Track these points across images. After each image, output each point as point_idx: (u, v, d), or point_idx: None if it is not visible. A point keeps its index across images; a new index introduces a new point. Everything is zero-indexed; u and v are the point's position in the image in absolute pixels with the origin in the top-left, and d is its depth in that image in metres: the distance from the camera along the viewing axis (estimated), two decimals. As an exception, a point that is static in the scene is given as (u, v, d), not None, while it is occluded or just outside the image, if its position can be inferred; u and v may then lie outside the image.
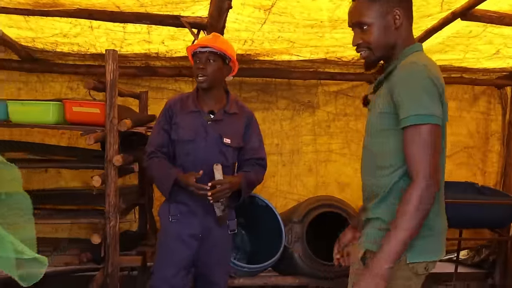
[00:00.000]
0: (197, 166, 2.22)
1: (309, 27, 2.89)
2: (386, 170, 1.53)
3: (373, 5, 1.52)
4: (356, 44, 1.59)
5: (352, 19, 1.60)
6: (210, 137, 2.26)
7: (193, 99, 2.32)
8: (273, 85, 3.94)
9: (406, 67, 1.47)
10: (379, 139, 1.55)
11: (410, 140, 1.43)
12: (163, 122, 2.33)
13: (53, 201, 3.24)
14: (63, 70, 3.58)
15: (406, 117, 1.42)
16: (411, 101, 1.42)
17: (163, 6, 2.72)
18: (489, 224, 3.64)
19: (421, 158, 1.41)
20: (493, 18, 2.88)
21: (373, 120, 1.57)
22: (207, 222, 2.30)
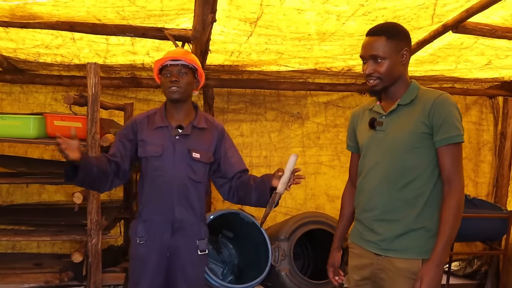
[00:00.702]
0: (167, 182, 2.15)
1: (296, 40, 2.82)
2: (420, 183, 1.78)
3: (390, 44, 1.78)
4: (369, 73, 1.81)
5: (368, 51, 1.80)
6: (178, 152, 2.17)
7: (160, 115, 2.24)
8: (262, 96, 3.87)
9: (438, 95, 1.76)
10: (413, 155, 1.78)
11: (452, 154, 1.73)
12: (123, 136, 2.24)
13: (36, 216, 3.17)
14: (46, 81, 3.50)
15: (449, 136, 1.72)
16: (450, 123, 1.72)
17: (146, 19, 2.65)
18: (482, 237, 3.58)
19: (459, 169, 1.75)
20: (485, 31, 2.83)
21: (404, 138, 1.79)
22: (176, 241, 2.17)
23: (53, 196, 3.61)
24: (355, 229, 2.00)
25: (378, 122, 1.86)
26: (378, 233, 1.84)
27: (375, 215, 1.85)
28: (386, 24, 1.96)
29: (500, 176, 4.13)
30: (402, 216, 1.79)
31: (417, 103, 1.80)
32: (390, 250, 1.81)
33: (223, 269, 3.38)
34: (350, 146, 2.11)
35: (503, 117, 4.15)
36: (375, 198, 1.85)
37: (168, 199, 2.15)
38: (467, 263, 4.28)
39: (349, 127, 2.12)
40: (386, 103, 1.88)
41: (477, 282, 4.20)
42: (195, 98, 3.76)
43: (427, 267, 1.71)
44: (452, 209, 1.72)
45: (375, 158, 1.87)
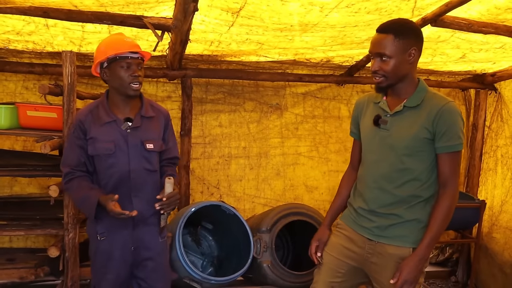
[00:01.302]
0: (123, 177, 2.12)
1: (278, 31, 2.80)
2: (419, 183, 1.89)
3: (397, 42, 1.81)
4: (374, 70, 1.86)
5: (375, 49, 1.85)
6: (131, 146, 2.13)
7: (104, 109, 2.15)
8: (240, 87, 3.83)
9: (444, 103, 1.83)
10: (414, 158, 1.87)
11: (451, 161, 1.84)
12: (76, 139, 2.15)
13: (8, 210, 3.06)
14: (17, 69, 3.35)
15: (451, 144, 1.82)
16: (453, 132, 1.81)
17: (125, 6, 2.56)
18: (455, 226, 3.69)
19: (457, 174, 1.87)
20: (462, 25, 2.88)
21: (406, 142, 1.87)
22: (138, 233, 2.19)
23: (26, 188, 3.49)
24: (348, 212, 2.11)
25: (382, 120, 1.92)
26: (373, 221, 1.96)
27: (373, 208, 1.96)
28: (395, 21, 1.91)
29: (472, 166, 4.24)
30: (396, 211, 1.91)
31: (423, 107, 1.86)
32: (383, 236, 1.93)
33: (203, 261, 3.36)
34: (353, 133, 2.18)
35: (474, 109, 4.25)
36: (373, 193, 1.96)
37: (126, 193, 2.13)
38: (439, 251, 4.41)
39: (353, 114, 2.18)
40: (392, 100, 1.94)
41: (449, 269, 4.35)
42: (173, 88, 3.70)
43: (408, 260, 1.83)
44: (444, 211, 1.83)
45: (376, 154, 1.96)
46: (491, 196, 3.98)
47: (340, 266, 2.05)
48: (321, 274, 2.09)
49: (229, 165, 3.84)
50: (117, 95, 2.14)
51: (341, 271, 2.05)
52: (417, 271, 1.82)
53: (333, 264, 2.07)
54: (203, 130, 3.78)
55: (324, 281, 2.07)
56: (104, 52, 2.07)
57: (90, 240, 2.27)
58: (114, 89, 2.13)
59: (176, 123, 3.69)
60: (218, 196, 3.81)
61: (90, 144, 2.11)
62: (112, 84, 2.12)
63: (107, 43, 2.12)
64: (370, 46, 1.89)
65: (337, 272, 2.06)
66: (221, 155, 3.83)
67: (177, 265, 2.73)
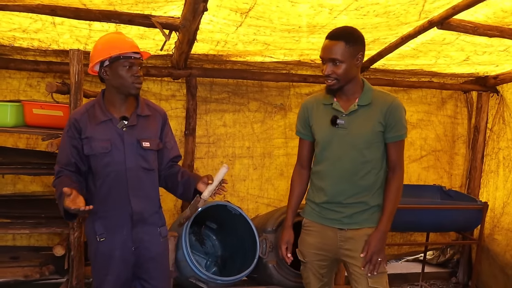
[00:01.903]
0: (120, 176, 2.10)
1: (286, 32, 2.80)
2: (376, 171, 2.15)
3: (348, 49, 2.01)
4: (327, 74, 2.06)
5: (328, 55, 2.04)
6: (127, 145, 2.11)
7: (100, 108, 2.13)
8: (245, 87, 3.83)
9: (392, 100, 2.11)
10: (372, 149, 2.12)
11: (399, 148, 2.16)
12: (70, 138, 2.11)
13: (12, 208, 3.05)
14: (21, 66, 3.33)
15: (399, 134, 2.13)
16: (401, 124, 2.12)
17: (133, 5, 2.56)
18: (457, 228, 3.70)
19: (402, 159, 2.18)
20: (468, 28, 2.90)
21: (365, 137, 2.10)
22: (138, 233, 2.16)
23: (29, 186, 3.47)
24: (311, 209, 2.28)
25: (340, 120, 2.11)
26: (341, 212, 2.17)
27: (340, 200, 2.16)
28: (345, 29, 2.10)
29: (473, 168, 4.27)
30: (362, 199, 2.15)
31: (374, 104, 2.10)
32: (352, 223, 2.17)
33: (206, 261, 3.36)
34: (302, 133, 2.33)
35: (476, 111, 4.27)
36: (340, 186, 2.16)
37: (123, 192, 2.11)
38: (440, 252, 4.44)
39: (301, 115, 2.32)
40: (342, 101, 2.14)
41: (450, 270, 4.38)
42: (178, 87, 3.70)
43: (373, 235, 2.13)
44: (396, 190, 2.15)
45: (338, 151, 2.14)
46: (493, 198, 4.01)
47: (322, 259, 2.26)
48: (309, 269, 2.29)
49: (233, 165, 3.84)
50: (116, 94, 2.11)
51: (324, 263, 2.27)
52: (382, 243, 2.12)
53: (316, 259, 2.26)
54: (207, 129, 3.78)
55: (314, 275, 2.28)
56: (107, 50, 2.03)
57: (88, 241, 2.23)
58: (114, 88, 2.09)
59: (181, 122, 3.69)
60: (221, 195, 3.81)
61: (86, 143, 2.09)
62: (112, 83, 2.08)
63: (108, 42, 2.08)
64: (322, 52, 2.08)
65: (322, 265, 2.27)
66: (225, 155, 3.83)
67: (183, 265, 2.74)
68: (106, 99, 2.15)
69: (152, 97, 3.63)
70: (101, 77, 2.12)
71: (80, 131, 2.09)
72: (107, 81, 2.10)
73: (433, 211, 3.43)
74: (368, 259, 2.10)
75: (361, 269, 2.13)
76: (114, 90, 2.10)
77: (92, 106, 2.15)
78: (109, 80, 2.08)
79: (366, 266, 2.11)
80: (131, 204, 2.12)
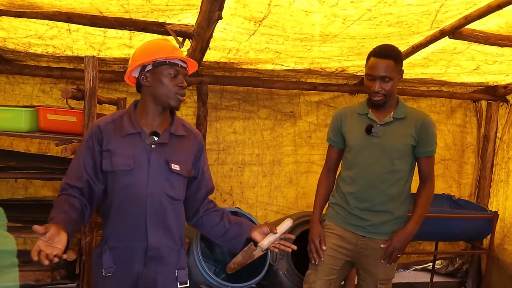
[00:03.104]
0: (139, 201, 1.78)
1: (298, 40, 2.83)
2: (403, 182, 2.26)
3: (396, 67, 2.15)
4: (377, 91, 2.16)
5: (379, 72, 2.14)
6: (153, 164, 1.79)
7: (130, 119, 1.83)
8: (255, 94, 3.86)
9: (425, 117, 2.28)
10: (402, 160, 2.25)
11: (430, 162, 2.33)
12: (89, 149, 1.81)
13: (24, 212, 3.07)
14: (35, 72, 3.38)
15: (431, 149, 2.29)
16: (433, 140, 2.29)
17: (149, 13, 2.59)
18: (467, 237, 3.69)
19: (433, 172, 2.35)
20: (479, 37, 2.91)
21: (397, 147, 2.23)
22: (151, 272, 1.80)
23: (40, 191, 3.50)
24: (335, 213, 2.36)
25: (375, 129, 2.23)
26: (366, 219, 2.26)
27: (366, 206, 2.26)
28: (392, 48, 2.23)
29: (483, 177, 4.26)
30: (388, 208, 2.25)
31: (408, 119, 2.25)
32: (375, 233, 2.26)
33: (215, 267, 3.37)
34: (332, 140, 2.43)
35: (486, 120, 4.27)
36: (368, 192, 2.25)
37: (141, 221, 1.78)
38: (449, 261, 4.42)
39: (334, 124, 2.40)
40: (377, 113, 2.26)
41: (459, 280, 4.35)
42: (188, 93, 3.72)
43: (400, 232, 2.25)
44: (426, 198, 2.30)
45: (370, 158, 2.25)
46: (503, 208, 3.99)
47: (336, 263, 2.31)
48: (319, 273, 2.30)
49: (242, 172, 3.86)
50: (152, 105, 1.82)
51: (337, 268, 2.32)
52: (405, 242, 2.24)
53: (330, 263, 2.30)
54: (217, 136, 3.80)
55: (322, 280, 2.29)
56: (152, 53, 1.78)
57: (94, 274, 1.92)
58: (152, 97, 1.80)
59: (191, 129, 3.72)
60: (230, 202, 3.83)
61: (106, 157, 1.79)
62: (151, 91, 1.79)
63: (154, 45, 1.84)
64: (372, 70, 2.15)
65: (333, 270, 2.31)
66: (235, 162, 3.85)
67: (194, 271, 2.74)
68: (138, 110, 1.86)
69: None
70: (138, 84, 1.84)
71: (101, 142, 1.80)
72: (145, 88, 1.81)
73: (443, 220, 3.42)
74: (388, 252, 2.22)
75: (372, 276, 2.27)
76: (151, 100, 1.81)
77: (120, 116, 1.87)
78: (148, 88, 1.80)
79: (386, 259, 2.24)
80: (148, 236, 1.79)
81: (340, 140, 2.38)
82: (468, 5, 2.49)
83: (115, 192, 1.80)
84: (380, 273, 2.28)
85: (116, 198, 1.80)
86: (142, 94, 1.84)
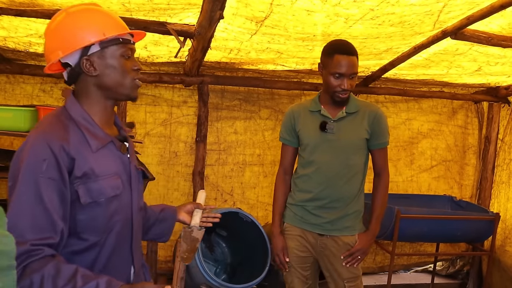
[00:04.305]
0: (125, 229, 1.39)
1: (300, 40, 2.82)
2: (358, 176, 2.28)
3: (357, 61, 2.17)
4: (347, 89, 2.14)
5: (352, 70, 2.13)
6: (134, 178, 1.43)
7: (90, 124, 1.33)
8: (256, 94, 3.84)
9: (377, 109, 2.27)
10: (358, 155, 2.26)
11: (384, 154, 2.32)
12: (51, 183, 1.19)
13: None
14: (36, 72, 3.36)
15: (384, 141, 2.29)
16: (386, 132, 2.29)
17: (150, 11, 2.58)
18: (469, 239, 3.67)
19: (387, 164, 2.34)
20: (482, 38, 2.90)
21: (353, 141, 2.23)
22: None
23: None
24: (293, 214, 2.34)
25: (329, 125, 2.22)
26: (323, 217, 2.26)
27: (323, 204, 2.26)
28: (351, 44, 2.20)
29: (484, 179, 4.25)
30: (345, 204, 2.26)
31: (360, 113, 2.24)
32: (333, 230, 2.27)
33: (216, 268, 3.36)
34: (286, 139, 2.38)
35: (487, 121, 4.26)
36: (326, 189, 2.24)
37: (127, 248, 1.42)
38: (450, 263, 4.40)
39: (287, 122, 2.36)
40: (330, 108, 2.25)
41: (460, 282, 4.33)
42: (189, 93, 3.71)
43: (363, 235, 2.29)
44: (384, 194, 2.31)
45: (326, 155, 2.24)
46: (504, 209, 3.98)
47: (304, 261, 2.34)
48: (293, 273, 2.35)
49: (243, 172, 3.84)
50: (103, 99, 1.37)
51: (307, 265, 2.35)
52: (369, 244, 2.28)
53: (299, 262, 2.33)
54: (218, 136, 3.79)
55: (297, 278, 2.35)
56: (97, 30, 1.29)
57: None
58: (103, 89, 1.35)
59: (192, 129, 3.70)
60: (231, 203, 3.81)
61: (82, 184, 1.25)
62: (101, 81, 1.33)
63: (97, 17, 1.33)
64: (345, 68, 2.12)
65: (305, 267, 2.35)
66: (236, 162, 3.83)
67: (194, 271, 2.73)
68: (95, 110, 1.37)
69: (164, 103, 3.65)
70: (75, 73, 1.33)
71: (72, 166, 1.24)
72: (90, 79, 1.33)
73: (444, 221, 3.41)
74: (350, 252, 2.25)
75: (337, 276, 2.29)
76: (100, 94, 1.36)
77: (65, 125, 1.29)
78: (95, 78, 1.33)
79: (346, 258, 2.25)
80: (134, 263, 1.45)
81: (295, 138, 2.34)
82: (471, 5, 2.48)
83: (96, 227, 1.29)
84: (344, 272, 2.27)
85: (99, 233, 1.30)
86: (83, 87, 1.36)
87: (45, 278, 1.08)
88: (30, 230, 1.14)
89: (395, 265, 4.28)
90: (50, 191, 1.18)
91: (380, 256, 4.29)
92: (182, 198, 3.72)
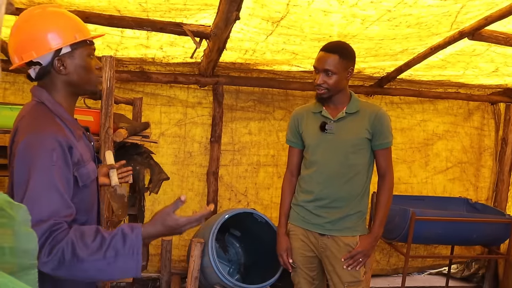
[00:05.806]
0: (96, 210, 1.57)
1: (316, 41, 2.81)
2: (361, 176, 2.26)
3: (341, 62, 2.15)
4: (319, 84, 2.18)
5: (322, 65, 2.16)
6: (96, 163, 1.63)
7: (70, 119, 1.48)
8: (270, 95, 3.84)
9: (378, 110, 2.26)
10: (358, 155, 2.24)
11: (387, 155, 2.29)
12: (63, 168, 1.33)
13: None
14: (53, 72, 3.40)
15: (387, 141, 2.27)
16: (388, 132, 2.26)
17: (166, 12, 2.59)
18: (485, 242, 3.63)
19: (391, 165, 2.31)
20: (500, 38, 2.87)
21: (351, 141, 2.23)
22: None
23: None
24: (296, 214, 2.37)
25: (329, 126, 2.25)
26: (323, 217, 2.27)
27: (324, 203, 2.26)
28: (339, 44, 2.25)
29: (500, 181, 4.20)
30: (345, 203, 2.25)
31: (361, 113, 2.24)
32: (334, 230, 2.26)
33: (229, 268, 3.36)
34: (292, 141, 2.43)
35: (504, 123, 4.21)
36: (326, 189, 2.26)
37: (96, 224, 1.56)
38: (465, 266, 4.35)
39: (292, 125, 2.42)
40: (331, 109, 2.28)
41: (475, 285, 4.28)
42: (204, 94, 3.73)
43: (365, 237, 2.27)
44: (388, 196, 2.28)
45: (325, 155, 2.26)
46: (521, 212, 3.93)
47: (310, 261, 2.35)
48: (299, 274, 2.36)
49: (257, 173, 3.85)
50: (70, 96, 1.49)
51: (313, 265, 2.36)
52: (370, 246, 2.25)
53: (304, 263, 2.35)
54: (233, 137, 3.80)
55: (304, 279, 2.36)
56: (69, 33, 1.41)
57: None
58: (71, 86, 1.46)
59: (206, 129, 3.72)
60: (245, 203, 3.82)
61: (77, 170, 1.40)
62: (70, 79, 1.44)
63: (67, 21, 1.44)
64: (317, 63, 2.17)
65: (311, 267, 2.36)
66: (250, 163, 3.84)
67: (208, 271, 2.74)
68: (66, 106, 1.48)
69: (179, 103, 3.67)
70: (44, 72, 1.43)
71: (71, 155, 1.38)
72: (60, 77, 1.44)
73: (460, 224, 3.37)
74: (351, 254, 2.23)
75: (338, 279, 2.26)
76: (69, 91, 1.47)
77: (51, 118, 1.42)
78: (65, 76, 1.44)
79: (347, 260, 2.23)
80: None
81: (299, 140, 2.39)
82: (490, 6, 2.46)
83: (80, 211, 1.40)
84: (345, 275, 2.25)
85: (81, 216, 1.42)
86: (51, 83, 1.45)
87: (74, 240, 1.23)
88: (50, 211, 1.27)
89: (409, 267, 4.25)
90: (60, 177, 1.32)
91: (394, 258, 4.26)
92: (196, 198, 3.74)
